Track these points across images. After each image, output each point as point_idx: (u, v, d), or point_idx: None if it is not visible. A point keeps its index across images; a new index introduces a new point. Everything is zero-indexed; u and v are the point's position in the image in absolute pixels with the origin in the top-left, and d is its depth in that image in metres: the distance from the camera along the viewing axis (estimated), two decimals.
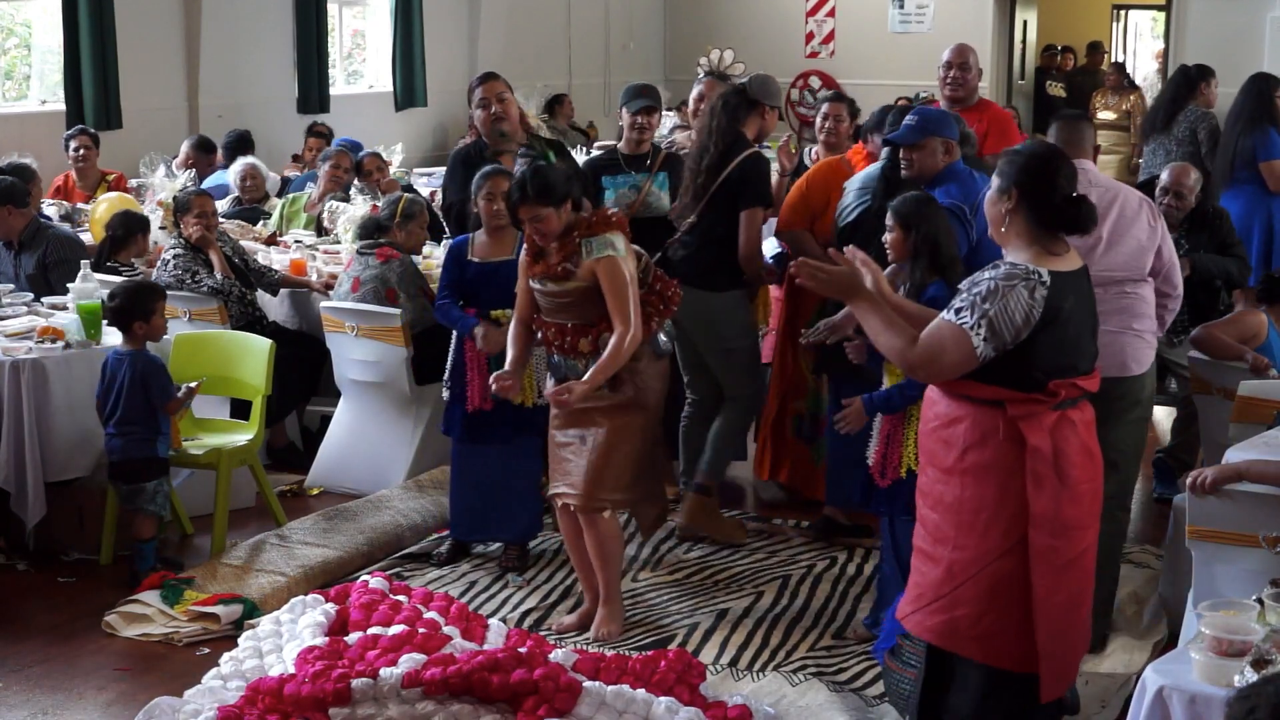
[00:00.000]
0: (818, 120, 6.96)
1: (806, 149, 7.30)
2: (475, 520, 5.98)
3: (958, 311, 3.72)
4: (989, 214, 3.93)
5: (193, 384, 5.97)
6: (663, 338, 5.28)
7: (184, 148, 10.44)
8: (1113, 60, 18.38)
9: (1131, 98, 14.95)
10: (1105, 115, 14.76)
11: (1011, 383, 3.74)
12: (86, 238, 8.51)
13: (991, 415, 3.76)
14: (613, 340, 5.03)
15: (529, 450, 5.91)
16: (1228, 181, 7.14)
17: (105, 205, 8.83)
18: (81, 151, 9.78)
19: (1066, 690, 4.00)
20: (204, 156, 10.40)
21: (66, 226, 7.73)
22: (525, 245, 5.23)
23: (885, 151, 5.65)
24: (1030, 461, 3.73)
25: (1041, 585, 3.75)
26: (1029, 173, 3.84)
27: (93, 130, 10.12)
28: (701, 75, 7.03)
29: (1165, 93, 9.31)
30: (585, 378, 5.06)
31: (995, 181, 3.92)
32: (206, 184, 9.56)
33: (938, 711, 3.98)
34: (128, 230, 7.57)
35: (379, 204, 7.79)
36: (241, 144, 10.56)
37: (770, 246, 6.60)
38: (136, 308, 5.88)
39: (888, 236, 4.86)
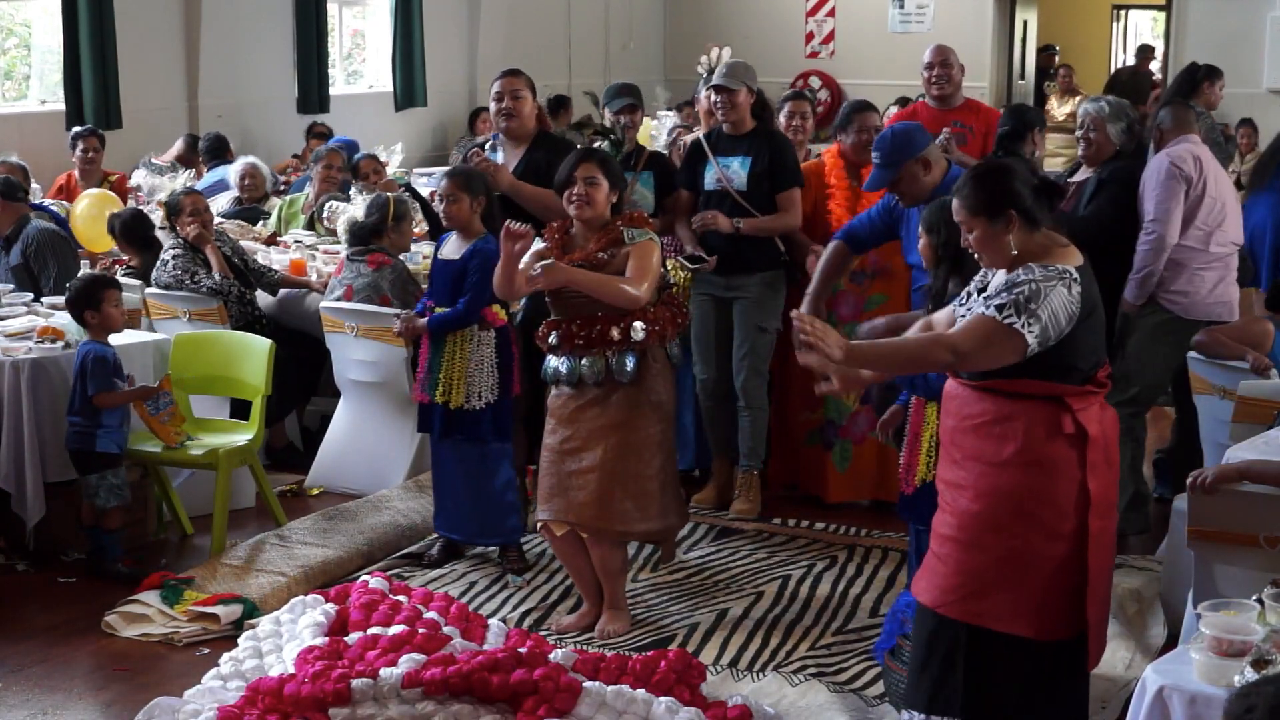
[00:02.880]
0: (781, 119, 6.95)
1: None
2: (458, 519, 5.94)
3: (1000, 309, 3.73)
4: (991, 257, 3.89)
5: (153, 384, 6.02)
6: (675, 350, 5.30)
7: (178, 145, 10.45)
8: (1111, 64, 18.28)
9: (1074, 100, 14.64)
10: (1056, 117, 14.56)
11: (1062, 377, 3.81)
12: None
13: (1052, 410, 3.82)
14: (620, 279, 4.99)
15: (504, 450, 5.88)
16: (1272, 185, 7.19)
17: (86, 202, 8.85)
18: (90, 154, 9.77)
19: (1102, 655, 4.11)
20: (195, 155, 10.43)
21: (50, 224, 7.79)
22: (552, 230, 5.21)
23: None
24: (1091, 452, 3.83)
25: (1095, 563, 3.87)
26: (1010, 191, 3.84)
27: (100, 132, 10.12)
28: (704, 75, 7.00)
29: (1169, 91, 9.29)
30: (570, 268, 4.99)
31: (980, 222, 3.85)
32: (205, 183, 9.56)
33: (982, 700, 3.96)
34: (133, 232, 7.67)
35: None
36: (219, 147, 10.54)
37: None
38: (85, 298, 5.95)
39: (920, 244, 4.83)
